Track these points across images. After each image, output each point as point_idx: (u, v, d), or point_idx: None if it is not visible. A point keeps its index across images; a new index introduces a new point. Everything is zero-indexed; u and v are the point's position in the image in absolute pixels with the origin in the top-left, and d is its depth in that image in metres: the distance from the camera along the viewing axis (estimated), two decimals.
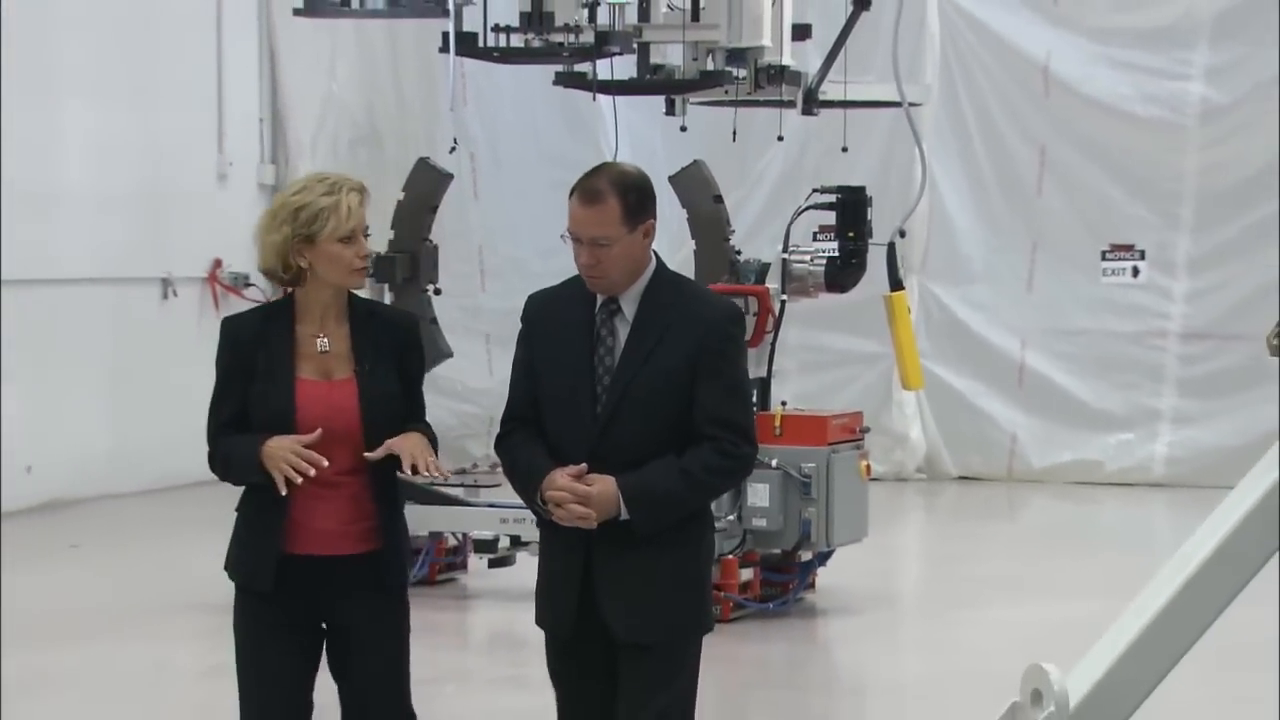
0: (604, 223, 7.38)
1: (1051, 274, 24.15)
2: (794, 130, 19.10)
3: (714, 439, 7.53)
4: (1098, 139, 24.03)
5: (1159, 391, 23.75)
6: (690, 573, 7.81)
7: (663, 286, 7.67)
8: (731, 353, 7.77)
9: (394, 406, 7.62)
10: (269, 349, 7.53)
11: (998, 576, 19.51)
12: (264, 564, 7.46)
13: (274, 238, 7.43)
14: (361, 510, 7.54)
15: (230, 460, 7.50)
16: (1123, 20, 23.91)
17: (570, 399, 7.60)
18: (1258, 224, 22.31)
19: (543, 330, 7.79)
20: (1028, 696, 5.88)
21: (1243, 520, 5.88)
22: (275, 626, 7.54)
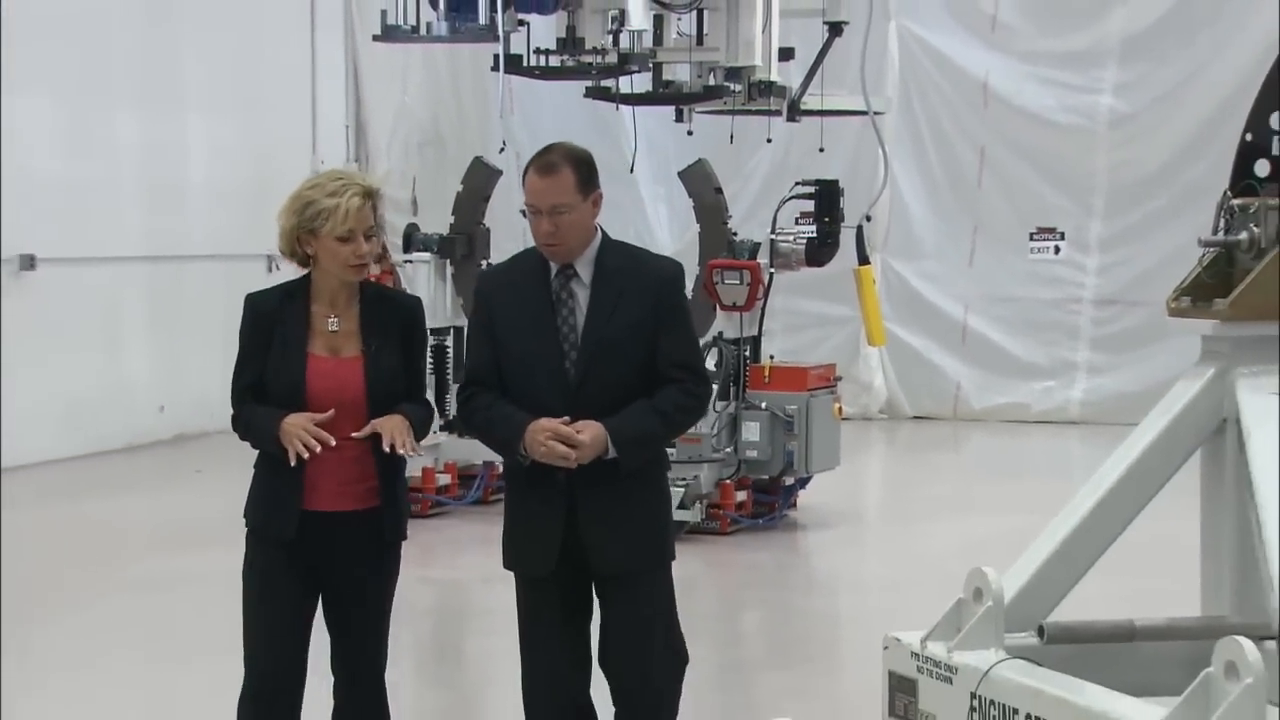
0: (561, 191, 7.09)
1: (989, 252, 24.11)
2: (780, 134, 19.02)
3: (679, 381, 7.28)
4: (1026, 142, 23.98)
5: (1075, 347, 23.74)
6: (656, 510, 7.56)
7: (611, 251, 7.39)
8: (684, 305, 7.60)
9: (396, 383, 7.23)
10: (285, 325, 7.15)
11: (945, 497, 19.49)
12: (286, 517, 7.11)
13: (285, 225, 7.14)
14: (364, 472, 7.16)
15: (250, 427, 7.15)
16: (1047, 45, 23.84)
17: (541, 359, 7.24)
18: (1157, 211, 22.28)
19: (502, 302, 7.43)
20: (970, 594, 5.86)
21: (1146, 450, 5.87)
22: (285, 573, 7.17)
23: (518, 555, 7.47)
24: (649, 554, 7.41)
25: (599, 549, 7.24)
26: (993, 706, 5.59)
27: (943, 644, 5.81)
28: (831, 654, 12.37)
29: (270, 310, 7.19)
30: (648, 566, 7.41)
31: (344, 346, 7.14)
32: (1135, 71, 23.61)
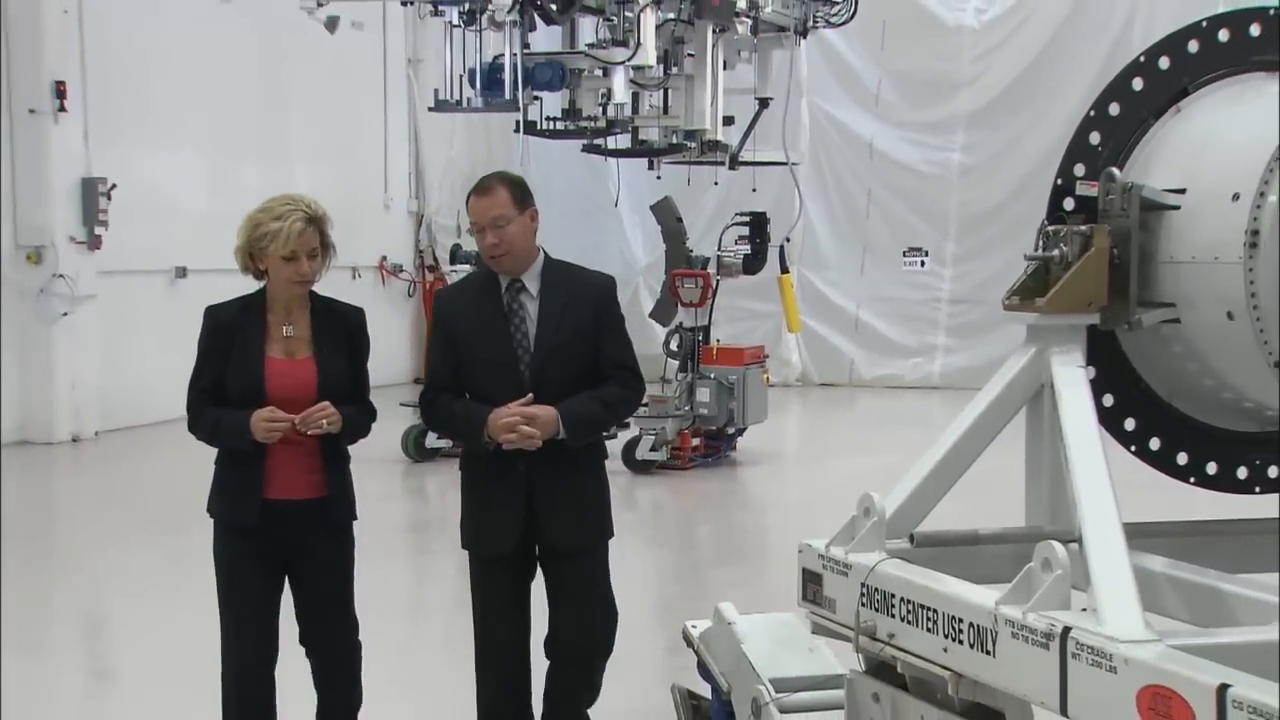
0: (498, 205, 6.52)
1: (874, 265, 24.22)
2: (723, 179, 19.07)
3: (618, 378, 6.71)
4: (900, 186, 24.08)
5: (936, 334, 23.89)
6: (600, 495, 6.94)
7: (554, 268, 6.73)
8: (619, 313, 6.90)
9: (344, 383, 6.45)
10: (244, 332, 6.35)
11: (843, 442, 19.75)
12: (250, 506, 6.29)
13: (238, 243, 6.37)
14: (314, 464, 6.38)
15: (219, 428, 6.30)
16: (914, 117, 23.93)
17: (498, 364, 6.58)
18: (993, 236, 22.49)
19: (459, 315, 6.77)
20: (861, 511, 5.84)
21: (986, 406, 5.87)
22: (251, 557, 6.35)
23: (478, 536, 6.85)
24: (595, 532, 6.92)
25: (555, 529, 6.69)
26: (876, 593, 5.58)
27: (841, 548, 5.80)
28: (761, 556, 12.45)
29: (229, 320, 6.43)
30: (594, 543, 6.91)
31: (298, 350, 6.41)
32: (977, 136, 23.77)
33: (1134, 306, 5.81)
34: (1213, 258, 5.57)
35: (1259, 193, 5.40)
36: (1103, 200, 5.86)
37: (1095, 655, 4.69)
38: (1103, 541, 5.10)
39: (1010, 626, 4.98)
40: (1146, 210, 5.79)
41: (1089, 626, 4.80)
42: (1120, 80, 6.14)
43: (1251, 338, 5.46)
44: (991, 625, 5.04)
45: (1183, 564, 5.53)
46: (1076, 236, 5.87)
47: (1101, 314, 5.83)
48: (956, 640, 5.19)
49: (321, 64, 18.88)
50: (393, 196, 23.71)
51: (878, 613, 5.55)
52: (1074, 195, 6.00)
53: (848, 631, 5.72)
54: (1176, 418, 6.21)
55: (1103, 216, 5.84)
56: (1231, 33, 6.17)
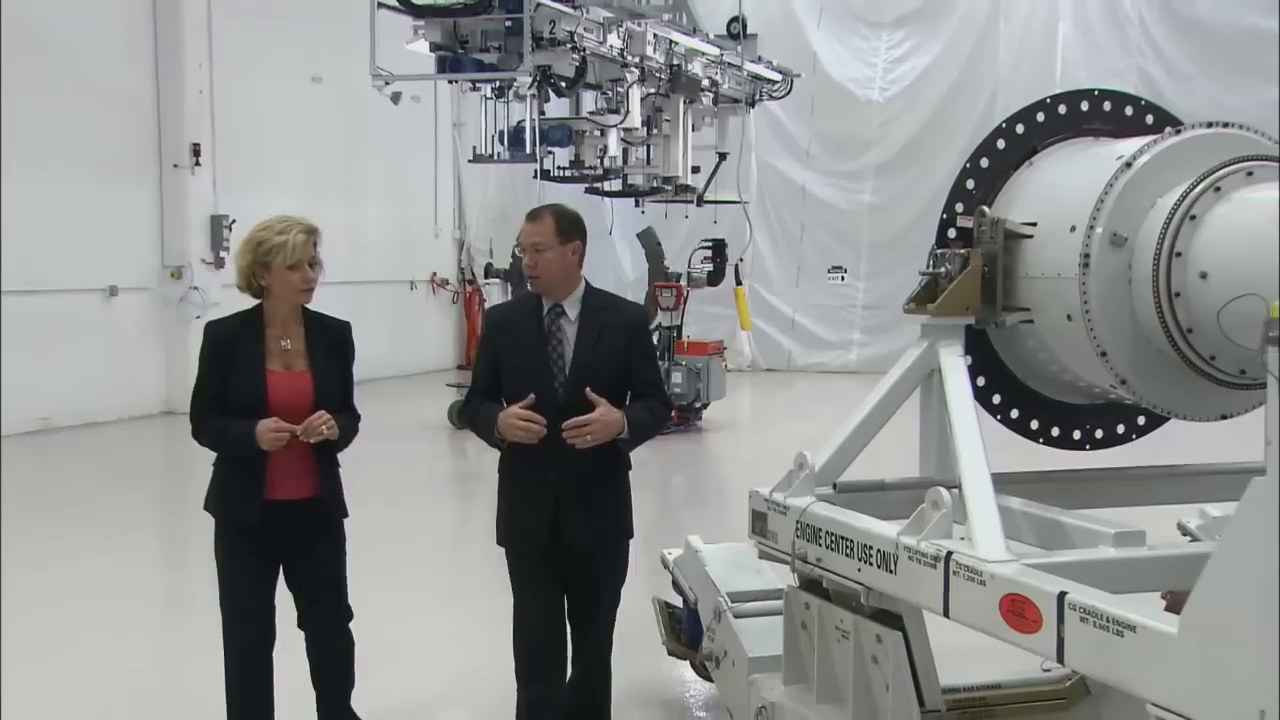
0: (541, 233, 5.73)
1: (806, 279, 24.11)
2: (692, 214, 19.03)
3: (650, 397, 5.84)
4: (825, 220, 24.00)
5: (852, 331, 23.78)
6: (622, 500, 5.98)
7: (594, 297, 5.87)
8: (650, 340, 6.16)
9: (337, 392, 5.65)
10: (245, 347, 5.55)
11: (783, 414, 19.71)
12: (253, 505, 5.51)
13: (241, 262, 5.57)
14: (308, 466, 5.57)
15: (226, 437, 5.51)
16: (836, 167, 23.87)
17: (535, 379, 5.66)
18: (895, 258, 22.14)
19: (504, 331, 5.95)
20: (796, 465, 5.85)
21: (891, 386, 5.87)
22: (250, 553, 5.58)
23: (508, 534, 5.97)
24: (615, 536, 6.00)
25: (574, 531, 5.77)
26: (807, 528, 5.60)
27: (781, 494, 5.81)
28: (721, 500, 12.44)
29: (230, 336, 5.60)
30: (614, 546, 6.01)
31: (295, 363, 5.59)
32: (882, 182, 23.74)
33: (999, 311, 5.83)
34: (1056, 274, 5.58)
35: (1089, 226, 5.42)
36: (976, 231, 5.88)
37: (970, 572, 4.72)
38: (976, 487, 5.12)
39: (907, 552, 5.01)
40: (1008, 238, 5.81)
41: (965, 551, 4.83)
42: (988, 141, 6.16)
43: (1084, 334, 5.48)
44: (894, 551, 5.07)
45: (1034, 503, 5.55)
46: (957, 258, 5.89)
47: (976, 316, 5.84)
48: (867, 562, 5.21)
49: (388, 128, 18.80)
50: (441, 227, 23.64)
51: (808, 542, 5.57)
52: (955, 227, 6.01)
53: (786, 557, 5.73)
54: (1030, 394, 6.23)
55: (976, 243, 5.86)
56: (1068, 107, 6.22)
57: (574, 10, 14.40)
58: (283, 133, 19.31)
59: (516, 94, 14.89)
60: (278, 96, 19.11)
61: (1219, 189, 5.25)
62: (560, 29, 14.11)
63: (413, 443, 15.67)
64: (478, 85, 15.37)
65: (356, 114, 19.54)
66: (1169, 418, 5.89)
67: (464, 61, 14.43)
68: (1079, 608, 4.25)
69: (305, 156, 19.88)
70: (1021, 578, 4.52)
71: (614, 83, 15.57)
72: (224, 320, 5.66)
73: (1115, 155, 5.57)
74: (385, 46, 14.05)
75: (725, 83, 17.47)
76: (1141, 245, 5.33)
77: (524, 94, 14.75)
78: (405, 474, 13.73)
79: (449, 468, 15.11)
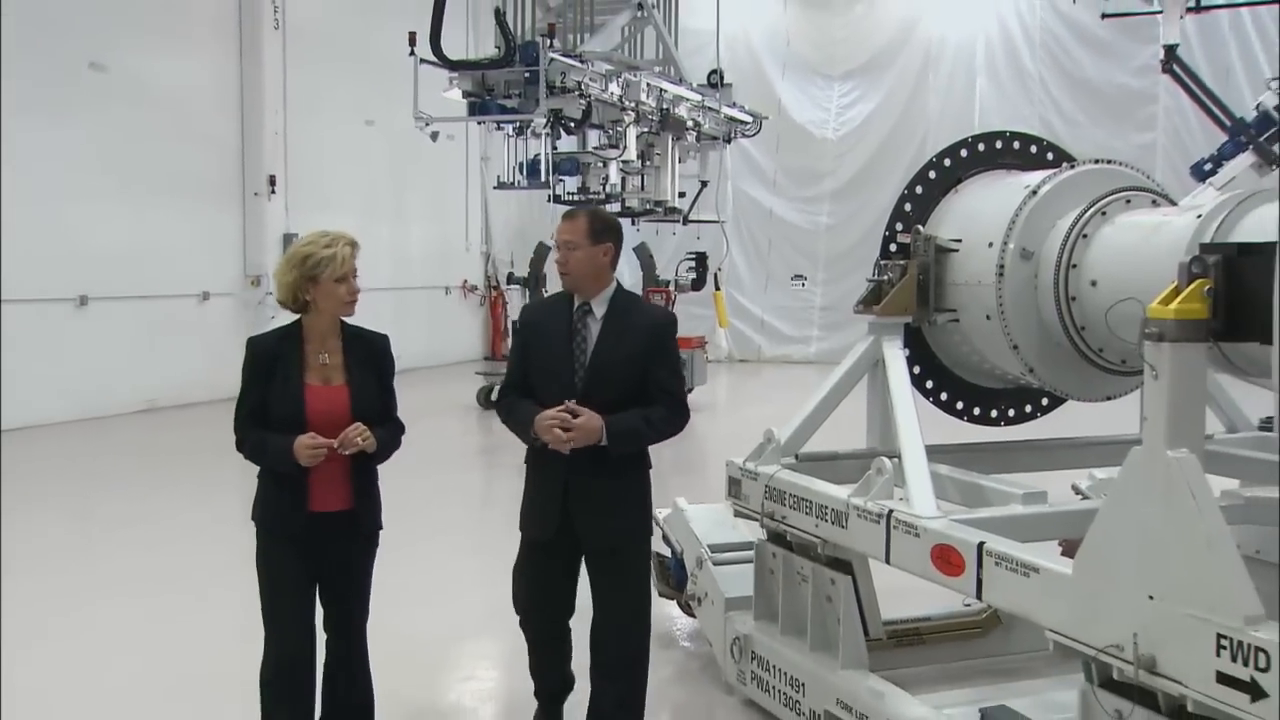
0: (574, 232, 4.97)
1: (774, 286, 23.90)
2: (680, 231, 19.00)
3: (664, 403, 4.95)
4: (789, 236, 23.82)
5: (811, 328, 23.59)
6: (636, 496, 5.06)
7: (622, 298, 5.07)
8: (673, 345, 5.15)
9: (374, 405, 4.81)
10: (284, 362, 4.77)
11: (755, 397, 19.57)
12: (295, 518, 4.71)
13: (288, 278, 4.77)
14: (346, 479, 4.75)
15: (266, 452, 4.70)
16: (797, 192, 23.70)
17: (557, 373, 4.93)
18: (847, 268, 22.05)
19: (535, 328, 5.14)
20: (765, 439, 5.85)
21: (842, 374, 5.88)
22: (293, 562, 4.76)
23: (525, 520, 5.15)
24: (631, 533, 5.06)
25: (585, 525, 4.93)
26: (774, 491, 5.60)
27: (753, 463, 5.81)
28: (704, 468, 12.33)
29: (269, 350, 4.81)
30: (629, 544, 5.05)
31: (333, 376, 4.79)
32: (836, 206, 23.54)
33: (932, 312, 5.84)
34: (977, 281, 5.61)
35: (1003, 242, 5.45)
36: (913, 246, 5.89)
37: (907, 526, 4.75)
38: (912, 457, 5.13)
39: (856, 510, 5.02)
40: (938, 252, 5.83)
41: (903, 509, 4.85)
42: (921, 172, 6.18)
43: (1000, 331, 5.51)
44: (845, 510, 5.09)
45: (958, 470, 5.57)
46: (897, 267, 5.91)
47: (913, 316, 5.86)
48: (823, 519, 5.23)
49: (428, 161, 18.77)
50: (471, 242, 23.48)
51: (775, 503, 5.58)
52: (896, 242, 6.03)
53: (756, 515, 5.74)
54: (957, 380, 6.25)
55: (913, 256, 5.87)
56: (985, 145, 6.24)
57: (581, 64, 14.43)
58: (342, 166, 19.29)
59: (533, 132, 14.85)
60: (338, 136, 19.11)
61: (1105, 213, 5.30)
62: (570, 79, 14.12)
63: (447, 420, 15.58)
64: (501, 125, 15.34)
65: (402, 150, 19.46)
66: (1066, 399, 5.93)
67: (490, 106, 14.41)
68: (994, 554, 4.29)
69: (360, 185, 19.86)
70: (949, 531, 4.56)
71: (614, 123, 15.55)
72: (264, 335, 4.90)
73: (1023, 185, 5.61)
74: (426, 94, 14.03)
75: (706, 123, 17.42)
76: (1045, 258, 5.37)
77: (539, 132, 14.71)
78: (440, 446, 13.62)
79: (476, 442, 14.87)
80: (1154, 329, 3.64)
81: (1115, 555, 3.71)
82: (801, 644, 5.54)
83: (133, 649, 6.77)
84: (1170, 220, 4.95)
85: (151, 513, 10.18)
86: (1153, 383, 3.65)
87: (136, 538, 9.36)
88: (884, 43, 23.53)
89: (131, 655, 6.67)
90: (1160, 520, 3.57)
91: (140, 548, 9.05)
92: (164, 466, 12.41)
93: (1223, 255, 3.66)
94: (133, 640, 6.92)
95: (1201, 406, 3.71)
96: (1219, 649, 3.38)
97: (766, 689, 5.63)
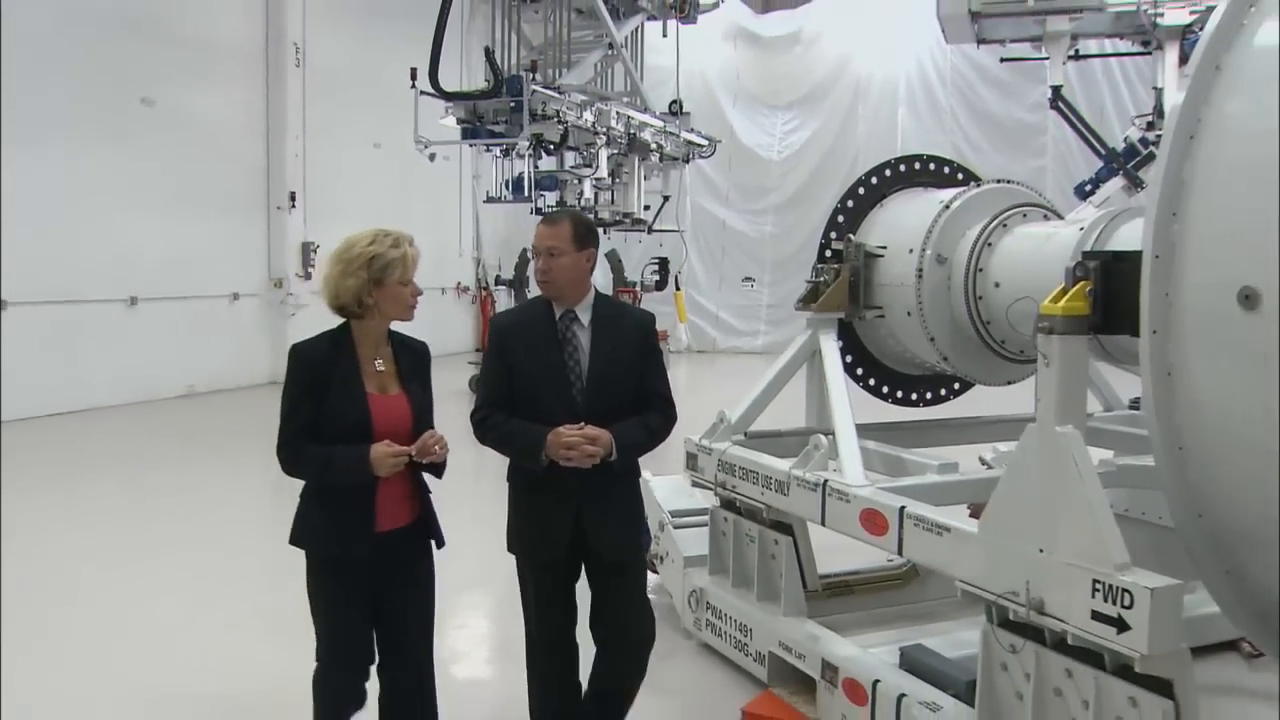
0: (557, 237, 4.14)
1: (727, 286, 23.76)
2: (645, 239, 18.89)
3: (658, 406, 4.24)
4: (739, 243, 23.72)
5: (759, 324, 23.48)
6: (639, 509, 4.38)
7: (604, 303, 4.27)
8: (659, 346, 4.40)
9: (429, 414, 4.00)
10: (341, 370, 3.80)
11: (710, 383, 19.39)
12: (362, 539, 3.73)
13: (351, 282, 3.82)
14: (409, 492, 3.88)
15: (332, 466, 3.69)
16: (746, 205, 23.61)
17: (553, 386, 4.08)
18: (789, 271, 21.97)
19: (514, 340, 4.21)
20: (718, 419, 5.87)
21: (784, 363, 5.89)
22: (354, 588, 3.78)
23: (527, 545, 4.23)
24: (637, 544, 4.37)
25: (601, 540, 4.15)
26: (726, 464, 5.62)
27: (707, 440, 5.83)
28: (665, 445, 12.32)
29: (321, 358, 3.81)
30: (636, 554, 4.37)
31: (389, 385, 3.89)
32: (780, 217, 23.41)
33: (861, 309, 5.86)
34: (900, 283, 5.64)
35: (921, 249, 5.48)
36: (845, 252, 5.91)
37: (839, 494, 4.78)
38: (844, 434, 5.16)
39: (796, 480, 5.05)
40: (867, 257, 5.85)
41: (836, 479, 4.88)
42: (852, 188, 6.20)
43: (919, 326, 5.55)
44: (787, 480, 5.11)
45: (884, 445, 5.60)
46: (832, 270, 5.92)
47: (845, 313, 5.88)
48: (768, 488, 5.25)
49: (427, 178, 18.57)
50: (464, 249, 23.05)
51: (727, 474, 5.59)
52: (830, 249, 6.05)
53: (711, 485, 5.75)
54: (883, 368, 6.28)
55: (845, 260, 5.88)
56: (905, 166, 6.27)
57: (559, 95, 14.41)
58: (353, 183, 19.18)
59: (518, 154, 14.79)
60: (350, 158, 19.04)
61: (1005, 225, 5.35)
62: (550, 108, 14.11)
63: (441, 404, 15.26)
64: (490, 147, 15.30)
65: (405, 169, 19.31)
66: (975, 384, 5.98)
67: (480, 131, 14.38)
68: (913, 517, 4.33)
69: (369, 199, 19.67)
70: (875, 497, 4.58)
71: (588, 145, 15.54)
72: (311, 343, 3.89)
73: (939, 200, 5.64)
74: (425, 121, 14.08)
75: (667, 146, 17.39)
76: (957, 263, 5.41)
77: (523, 154, 14.68)
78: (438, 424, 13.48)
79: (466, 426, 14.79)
80: (1045, 323, 3.68)
81: (1012, 516, 3.75)
82: (749, 595, 5.55)
83: (179, 591, 6.93)
84: (1058, 231, 5.01)
85: (193, 484, 10.19)
86: (1044, 369, 3.69)
87: (180, 504, 9.43)
88: (820, 79, 23.56)
89: (179, 595, 6.84)
90: (1049, 486, 3.62)
91: (183, 513, 9.11)
92: (202, 444, 12.40)
93: (1100, 261, 3.70)
94: (178, 585, 7.07)
95: (1084, 389, 3.75)
96: (1094, 591, 3.44)
97: (719, 634, 5.66)
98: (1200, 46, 3.21)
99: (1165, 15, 11.98)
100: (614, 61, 16.65)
